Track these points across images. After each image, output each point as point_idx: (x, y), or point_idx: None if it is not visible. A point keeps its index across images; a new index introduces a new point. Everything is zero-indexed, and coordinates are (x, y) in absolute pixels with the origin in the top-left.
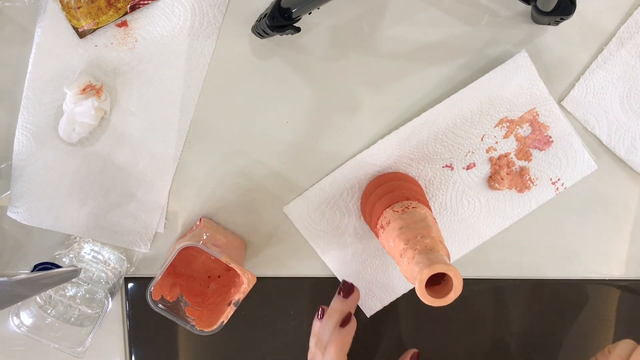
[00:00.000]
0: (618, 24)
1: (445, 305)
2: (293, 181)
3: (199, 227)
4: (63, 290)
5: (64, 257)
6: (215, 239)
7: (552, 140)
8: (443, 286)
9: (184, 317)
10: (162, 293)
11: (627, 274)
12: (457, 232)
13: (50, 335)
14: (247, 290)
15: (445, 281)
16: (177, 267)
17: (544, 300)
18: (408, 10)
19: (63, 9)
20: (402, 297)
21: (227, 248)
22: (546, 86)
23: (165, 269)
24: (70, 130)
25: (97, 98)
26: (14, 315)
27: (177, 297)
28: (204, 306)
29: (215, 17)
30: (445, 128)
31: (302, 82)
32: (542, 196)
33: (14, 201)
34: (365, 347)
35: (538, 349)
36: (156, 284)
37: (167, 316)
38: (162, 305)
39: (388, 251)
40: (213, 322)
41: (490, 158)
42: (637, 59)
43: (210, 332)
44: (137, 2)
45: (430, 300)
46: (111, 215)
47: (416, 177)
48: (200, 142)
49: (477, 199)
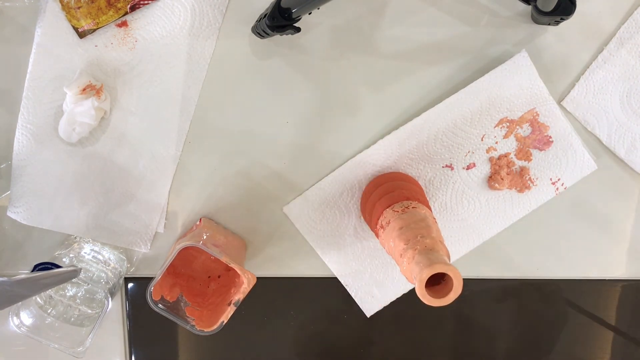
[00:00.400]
0: (618, 24)
1: (445, 305)
2: (293, 181)
3: (199, 227)
4: (63, 290)
5: (64, 257)
6: (215, 239)
7: (552, 140)
8: (443, 286)
9: (184, 317)
10: (162, 293)
11: (627, 274)
12: (457, 232)
13: (50, 335)
14: (247, 290)
15: (445, 281)
16: (177, 267)
17: (543, 300)
18: (408, 10)
19: (63, 9)
20: (402, 297)
21: (227, 248)
22: (546, 86)
23: (165, 269)
24: (70, 130)
25: (97, 98)
26: (14, 315)
27: (177, 297)
28: (204, 306)
29: (215, 17)
30: (445, 128)
31: (302, 82)
32: (542, 196)
33: (14, 201)
34: (366, 347)
35: (538, 349)
36: (156, 284)
37: (167, 316)
38: (162, 305)
39: (388, 251)
40: (213, 322)
41: (490, 158)
42: (637, 59)
43: (210, 332)
44: (137, 2)
45: (430, 300)
46: (111, 215)
47: (416, 177)
48: (200, 142)
49: (477, 199)
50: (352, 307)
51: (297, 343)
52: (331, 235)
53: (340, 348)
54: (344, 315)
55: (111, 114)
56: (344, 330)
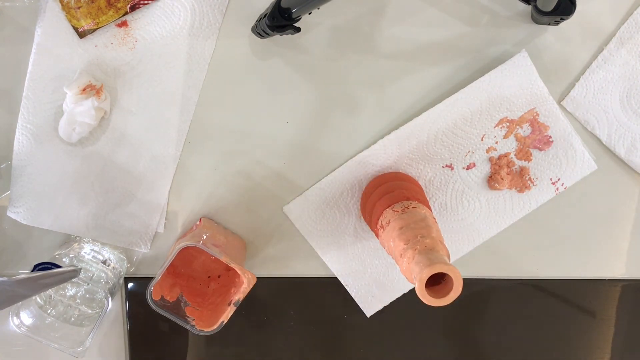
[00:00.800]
0: (618, 24)
1: (445, 305)
2: (293, 181)
3: (199, 227)
4: (63, 290)
5: (64, 257)
6: (215, 238)
7: (552, 140)
8: (443, 286)
9: (184, 317)
10: (162, 293)
11: (627, 274)
12: (457, 232)
13: (50, 335)
14: (247, 290)
15: (445, 281)
16: (177, 267)
17: (543, 300)
18: (408, 10)
19: (63, 9)
20: (402, 296)
21: (227, 248)
22: (546, 86)
23: (165, 268)
24: (70, 130)
25: (97, 98)
26: (14, 315)
27: (177, 297)
28: (204, 306)
29: (216, 17)
30: (446, 128)
31: (302, 82)
32: (542, 196)
33: (14, 201)
34: (366, 347)
35: (538, 349)
36: (156, 284)
37: (167, 316)
38: (162, 305)
39: (388, 251)
40: (213, 322)
41: (490, 158)
42: (637, 59)
43: (210, 332)
44: (137, 2)
45: (430, 300)
46: (111, 215)
47: (416, 177)
48: (200, 142)
49: (477, 199)
50: (352, 307)
51: (297, 343)
52: (331, 235)
53: (340, 348)
54: (344, 315)
55: (111, 114)
56: (344, 330)
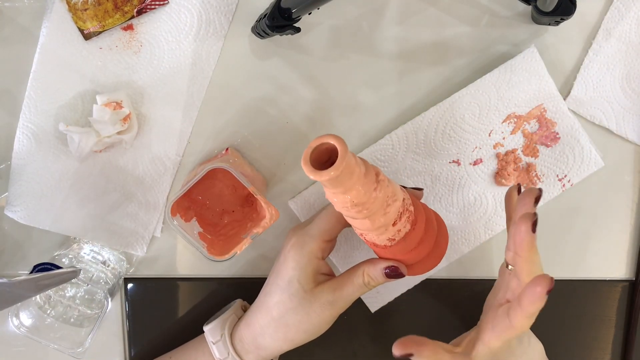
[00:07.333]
0: (602, 15)
1: (447, 305)
2: (293, 182)
3: (225, 155)
4: (62, 291)
5: (64, 258)
6: (242, 168)
7: (559, 136)
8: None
9: (197, 240)
10: (179, 212)
11: (628, 274)
12: (464, 229)
13: (50, 335)
14: (268, 224)
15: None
16: (193, 192)
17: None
18: (408, 10)
19: (70, 11)
20: (407, 292)
21: (252, 180)
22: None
23: (189, 187)
24: (82, 148)
25: (122, 123)
26: (13, 316)
27: (190, 220)
28: (215, 235)
29: (222, 24)
30: (454, 123)
31: (302, 82)
32: (549, 193)
33: (12, 200)
34: (370, 342)
35: None
36: (174, 202)
37: (181, 235)
38: (178, 223)
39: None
40: (225, 252)
41: (497, 154)
42: (627, 43)
43: (222, 260)
44: (144, 6)
45: (314, 173)
46: (109, 218)
47: (423, 172)
48: (200, 143)
49: (483, 195)
50: (356, 302)
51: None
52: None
53: (344, 344)
54: (348, 310)
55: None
56: (348, 326)
